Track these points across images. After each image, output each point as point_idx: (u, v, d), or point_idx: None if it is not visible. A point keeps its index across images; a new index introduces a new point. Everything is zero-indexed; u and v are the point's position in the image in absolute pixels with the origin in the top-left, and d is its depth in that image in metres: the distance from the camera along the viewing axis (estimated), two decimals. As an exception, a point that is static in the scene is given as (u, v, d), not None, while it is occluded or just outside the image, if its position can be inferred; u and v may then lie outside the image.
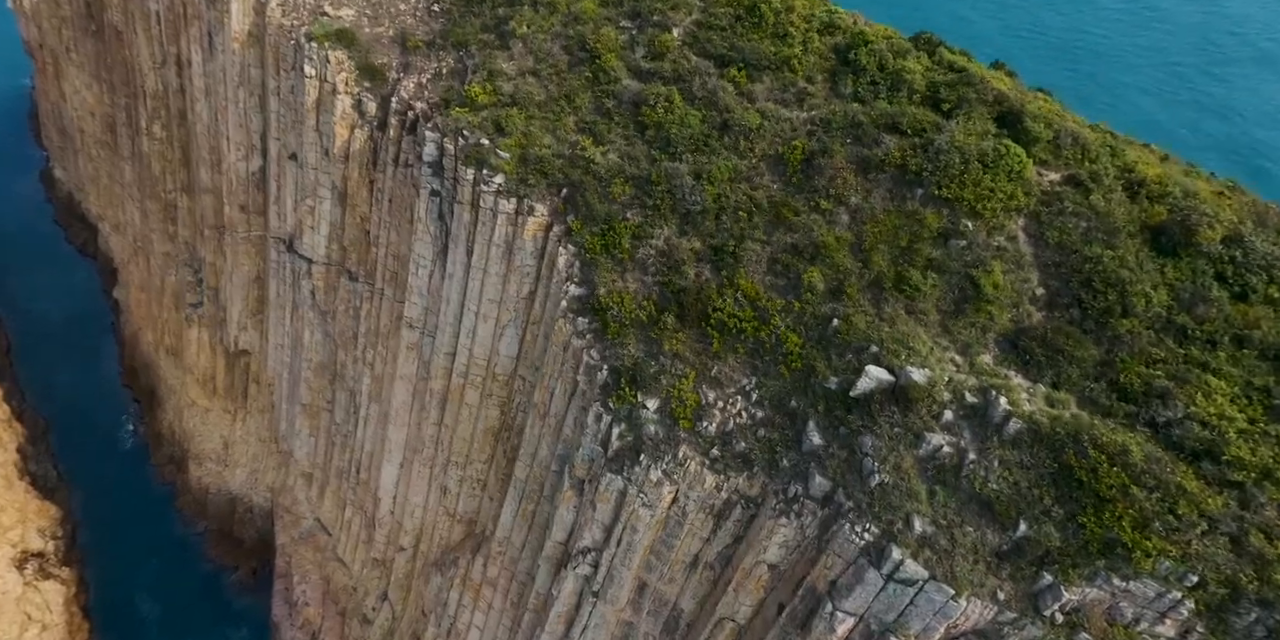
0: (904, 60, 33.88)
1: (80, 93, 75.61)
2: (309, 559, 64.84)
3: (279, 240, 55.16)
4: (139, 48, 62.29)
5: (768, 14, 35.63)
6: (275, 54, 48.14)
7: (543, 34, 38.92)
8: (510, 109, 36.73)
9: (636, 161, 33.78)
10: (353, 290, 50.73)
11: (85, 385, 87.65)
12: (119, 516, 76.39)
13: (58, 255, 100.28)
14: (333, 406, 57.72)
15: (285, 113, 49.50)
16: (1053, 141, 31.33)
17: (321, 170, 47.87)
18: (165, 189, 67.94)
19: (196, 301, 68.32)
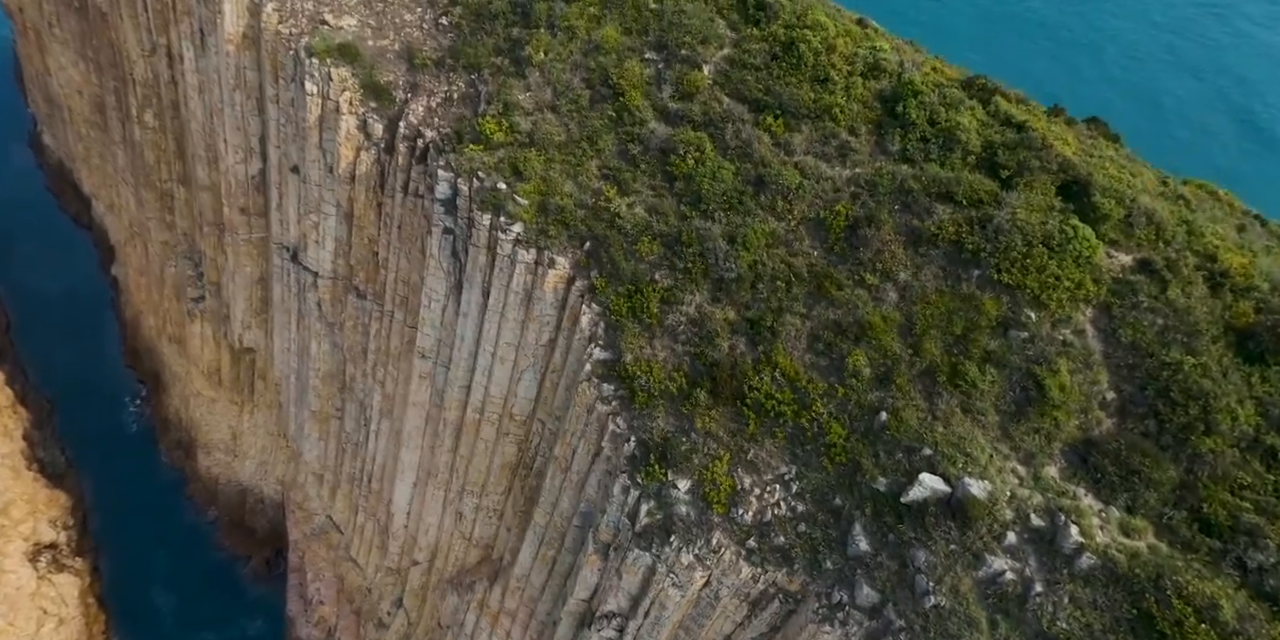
0: (956, 113, 31.48)
1: (66, 70, 72.37)
2: (322, 556, 64.84)
3: (282, 247, 53.29)
4: (125, 33, 59.15)
5: (807, 54, 33.05)
6: (273, 61, 45.51)
7: (561, 63, 36.38)
8: (528, 150, 34.56)
9: (665, 217, 31.83)
10: (361, 308, 49.18)
11: (88, 365, 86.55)
12: (130, 503, 76.30)
13: (52, 225, 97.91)
14: (342, 414, 56.75)
15: (285, 123, 47.08)
16: (1124, 219, 29.13)
17: (325, 187, 45.76)
18: (160, 178, 65.56)
19: (198, 296, 66.66)
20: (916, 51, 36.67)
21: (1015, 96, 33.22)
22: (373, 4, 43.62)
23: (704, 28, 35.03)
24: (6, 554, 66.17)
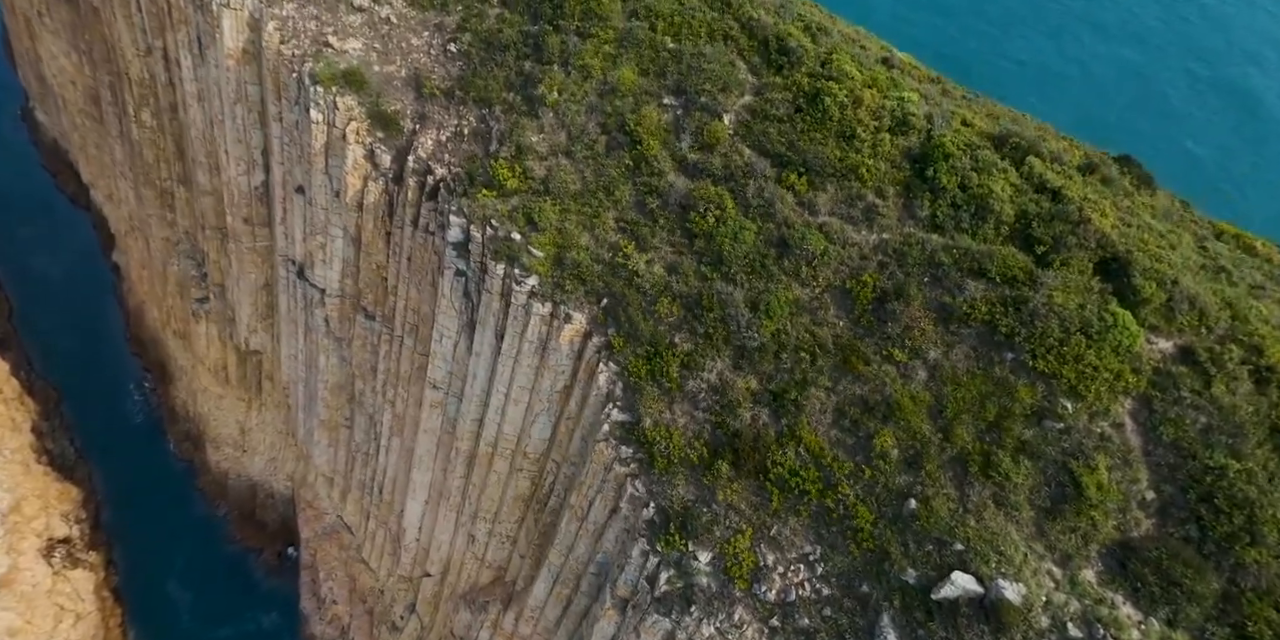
0: (989, 178, 30.39)
1: (57, 59, 70.43)
2: (334, 555, 65.48)
3: (288, 260, 52.52)
4: (119, 31, 57.35)
5: (832, 108, 31.85)
6: (275, 80, 44.17)
7: (575, 104, 35.17)
8: (543, 199, 33.66)
9: (685, 277, 31.13)
10: (369, 328, 48.65)
11: (92, 351, 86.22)
12: (140, 495, 76.71)
13: (50, 204, 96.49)
14: (352, 425, 56.65)
15: (289, 143, 45.92)
16: (1165, 304, 28.23)
17: (332, 211, 44.83)
18: (160, 177, 64.35)
19: (202, 296, 66.00)
20: (945, 92, 35.39)
21: (1050, 153, 31.92)
22: (377, 26, 42.10)
23: (724, 73, 33.72)
24: (21, 551, 66.77)
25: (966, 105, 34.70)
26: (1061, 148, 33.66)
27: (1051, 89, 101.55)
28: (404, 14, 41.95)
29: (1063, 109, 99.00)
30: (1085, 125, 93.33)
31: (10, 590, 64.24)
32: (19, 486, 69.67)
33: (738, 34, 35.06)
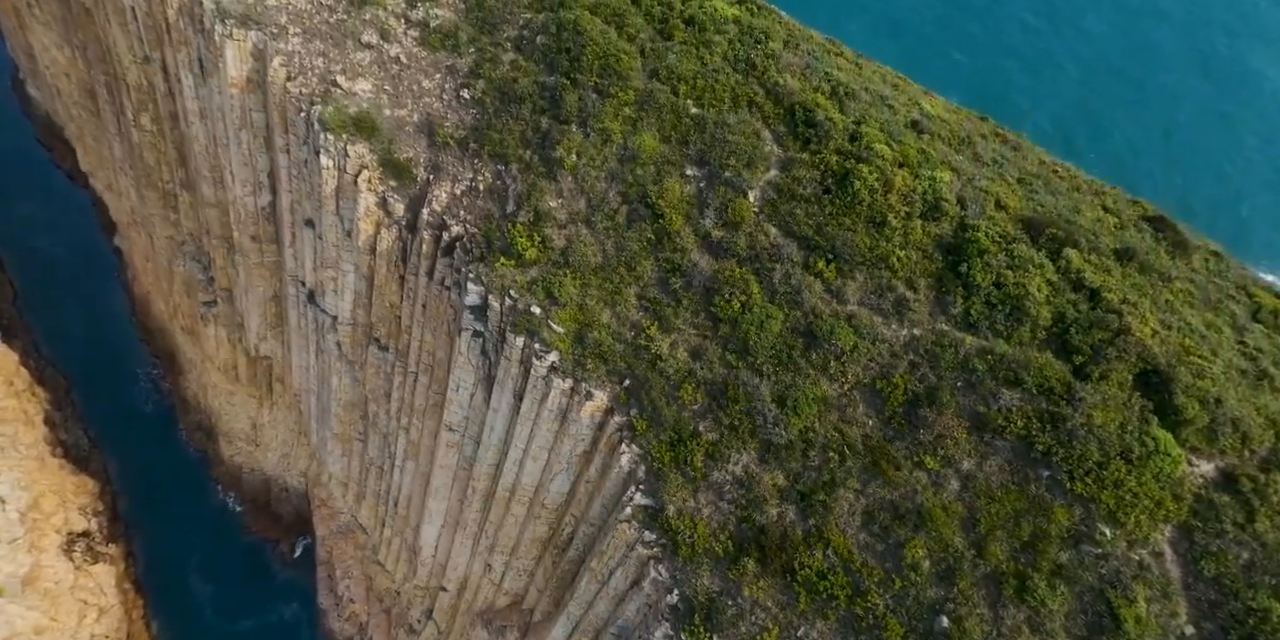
0: (1024, 276, 29.53)
1: (50, 51, 68.24)
2: (349, 554, 66.63)
3: (297, 281, 51.93)
4: (114, 37, 55.35)
5: (862, 192, 30.87)
6: (281, 114, 42.90)
7: (595, 169, 34.17)
8: (563, 271, 33.02)
9: (709, 364, 30.78)
10: (383, 358, 48.38)
11: (99, 336, 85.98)
12: (156, 484, 77.68)
13: (47, 180, 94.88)
14: (365, 439, 56.90)
15: (297, 177, 44.86)
16: (1208, 426, 27.77)
17: (344, 248, 44.09)
18: (162, 179, 63.08)
19: (210, 300, 65.49)
20: (976, 157, 34.21)
21: (1088, 241, 30.88)
22: (387, 65, 40.61)
23: (749, 146, 32.61)
24: (43, 549, 67.91)
25: (999, 177, 33.56)
26: (1097, 221, 32.74)
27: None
28: (414, 54, 40.42)
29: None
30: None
31: (34, 588, 65.56)
32: (36, 483, 70.43)
33: (763, 100, 33.81)
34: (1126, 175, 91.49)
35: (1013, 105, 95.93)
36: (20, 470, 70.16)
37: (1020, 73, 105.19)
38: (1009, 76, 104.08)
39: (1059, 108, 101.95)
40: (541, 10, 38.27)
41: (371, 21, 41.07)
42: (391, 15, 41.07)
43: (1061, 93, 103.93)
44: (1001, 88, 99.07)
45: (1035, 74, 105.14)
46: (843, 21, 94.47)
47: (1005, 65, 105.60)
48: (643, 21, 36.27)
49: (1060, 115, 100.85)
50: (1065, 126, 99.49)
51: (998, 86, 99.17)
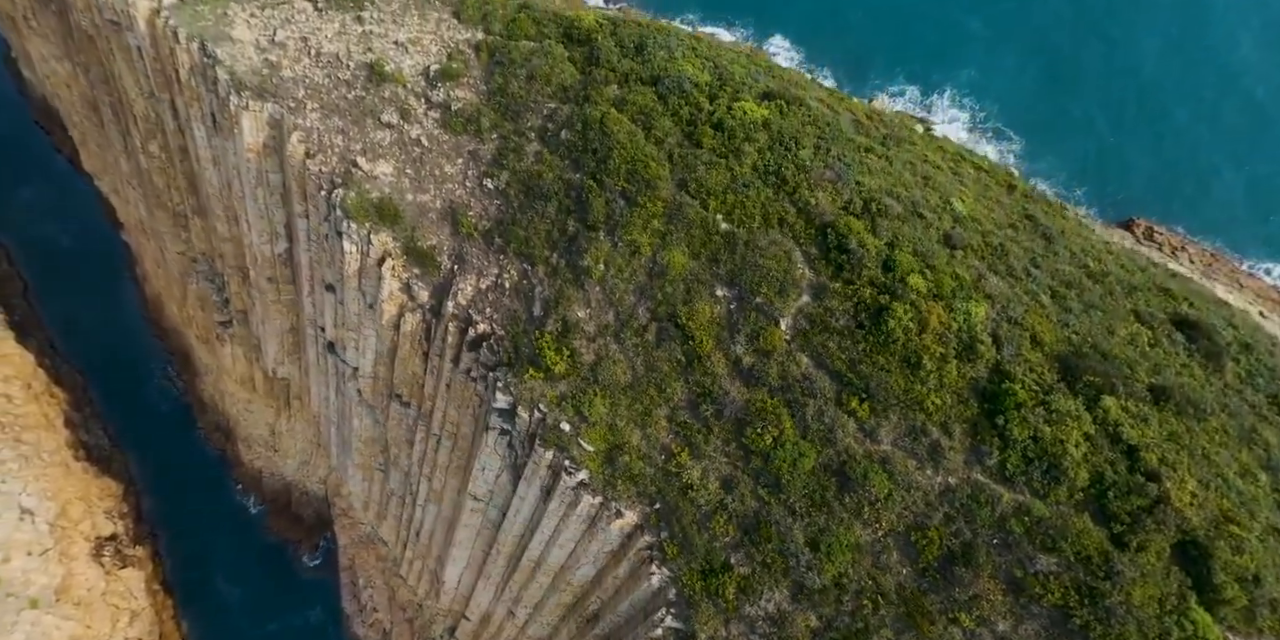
0: (1062, 431, 29.45)
1: (48, 62, 66.38)
2: (371, 564, 68.58)
3: (317, 327, 52.01)
4: (120, 68, 53.90)
5: (896, 331, 30.72)
6: (300, 184, 42.43)
7: (623, 282, 33.98)
8: (593, 388, 33.21)
9: (742, 497, 31.29)
10: (404, 413, 48.83)
11: (112, 329, 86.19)
12: (178, 483, 79.15)
13: (47, 164, 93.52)
14: (387, 471, 57.86)
15: (317, 245, 44.49)
16: (1247, 607, 28.17)
17: (366, 318, 44.05)
18: (172, 201, 62.35)
19: (225, 320, 65.52)
20: (1009, 270, 33.78)
21: (1124, 386, 30.65)
22: (408, 147, 39.81)
23: (780, 270, 32.30)
24: (73, 556, 69.89)
25: (1032, 299, 33.11)
26: (1130, 341, 32.47)
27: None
28: (435, 136, 39.58)
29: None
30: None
31: (68, 597, 67.79)
32: (62, 491, 71.96)
33: (794, 219, 33.33)
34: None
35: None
36: (46, 479, 71.57)
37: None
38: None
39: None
40: (566, 101, 37.36)
41: (391, 100, 40.07)
42: (411, 94, 40.05)
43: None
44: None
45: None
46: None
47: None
48: (670, 123, 35.44)
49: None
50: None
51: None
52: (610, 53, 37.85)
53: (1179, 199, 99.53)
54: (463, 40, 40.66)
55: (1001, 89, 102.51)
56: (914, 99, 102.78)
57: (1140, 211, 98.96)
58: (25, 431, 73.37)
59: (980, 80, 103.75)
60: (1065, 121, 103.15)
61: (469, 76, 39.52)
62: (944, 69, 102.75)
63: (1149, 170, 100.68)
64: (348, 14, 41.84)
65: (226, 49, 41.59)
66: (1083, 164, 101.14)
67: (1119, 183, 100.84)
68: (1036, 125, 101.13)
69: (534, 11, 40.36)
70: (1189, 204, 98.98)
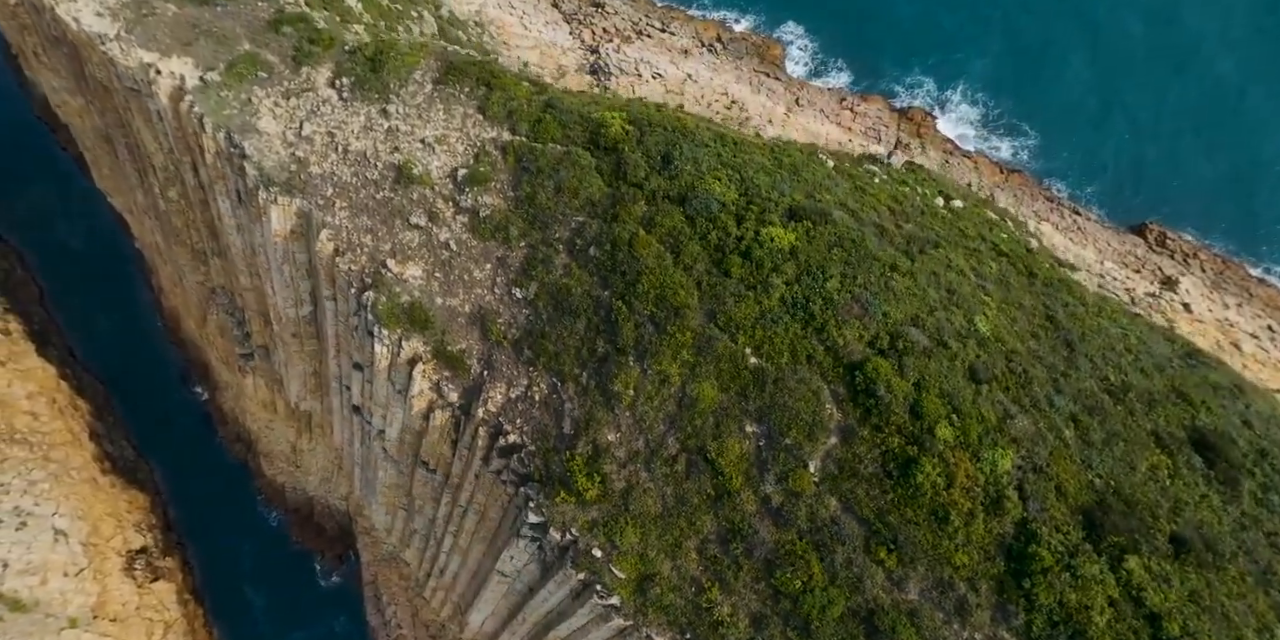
0: (1087, 596, 30.53)
1: (59, 93, 65.67)
2: (395, 582, 71.13)
3: (342, 385, 53.01)
4: (138, 124, 53.60)
5: (924, 485, 31.73)
6: (329, 274, 42.89)
7: (653, 410, 34.88)
8: (624, 518, 34.40)
9: (771, 639, 32.67)
10: (430, 479, 50.18)
11: (129, 334, 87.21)
12: (202, 492, 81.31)
13: (53, 162, 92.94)
14: (411, 512, 59.58)
15: (344, 329, 45.15)
16: None
17: (394, 401, 45.03)
18: (191, 240, 62.65)
19: (247, 353, 66.46)
20: (1033, 404, 34.60)
21: (1147, 546, 31.71)
22: (436, 250, 40.19)
23: (809, 411, 33.16)
24: (107, 573, 72.48)
25: (1058, 438, 34.02)
26: (1151, 476, 33.45)
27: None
28: (463, 240, 39.92)
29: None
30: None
31: (104, 614, 70.57)
32: (93, 508, 74.13)
33: (822, 356, 34.02)
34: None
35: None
36: (76, 497, 73.63)
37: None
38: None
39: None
40: (594, 216, 37.65)
41: (419, 202, 40.27)
42: (439, 197, 40.23)
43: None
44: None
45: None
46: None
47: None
48: (699, 248, 35.81)
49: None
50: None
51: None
52: (637, 166, 37.95)
53: (1194, 198, 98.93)
54: (489, 139, 40.63)
55: (1017, 81, 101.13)
56: (929, 93, 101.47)
57: (1154, 211, 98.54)
58: (53, 449, 75.14)
59: (995, 72, 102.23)
60: (1081, 117, 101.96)
61: (496, 181, 39.67)
62: (959, 59, 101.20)
63: (1164, 169, 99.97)
64: (373, 106, 41.68)
65: (253, 142, 41.58)
66: (1098, 162, 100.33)
67: (1133, 182, 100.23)
68: (1052, 120, 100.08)
69: (559, 112, 40.20)
70: (1203, 204, 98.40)
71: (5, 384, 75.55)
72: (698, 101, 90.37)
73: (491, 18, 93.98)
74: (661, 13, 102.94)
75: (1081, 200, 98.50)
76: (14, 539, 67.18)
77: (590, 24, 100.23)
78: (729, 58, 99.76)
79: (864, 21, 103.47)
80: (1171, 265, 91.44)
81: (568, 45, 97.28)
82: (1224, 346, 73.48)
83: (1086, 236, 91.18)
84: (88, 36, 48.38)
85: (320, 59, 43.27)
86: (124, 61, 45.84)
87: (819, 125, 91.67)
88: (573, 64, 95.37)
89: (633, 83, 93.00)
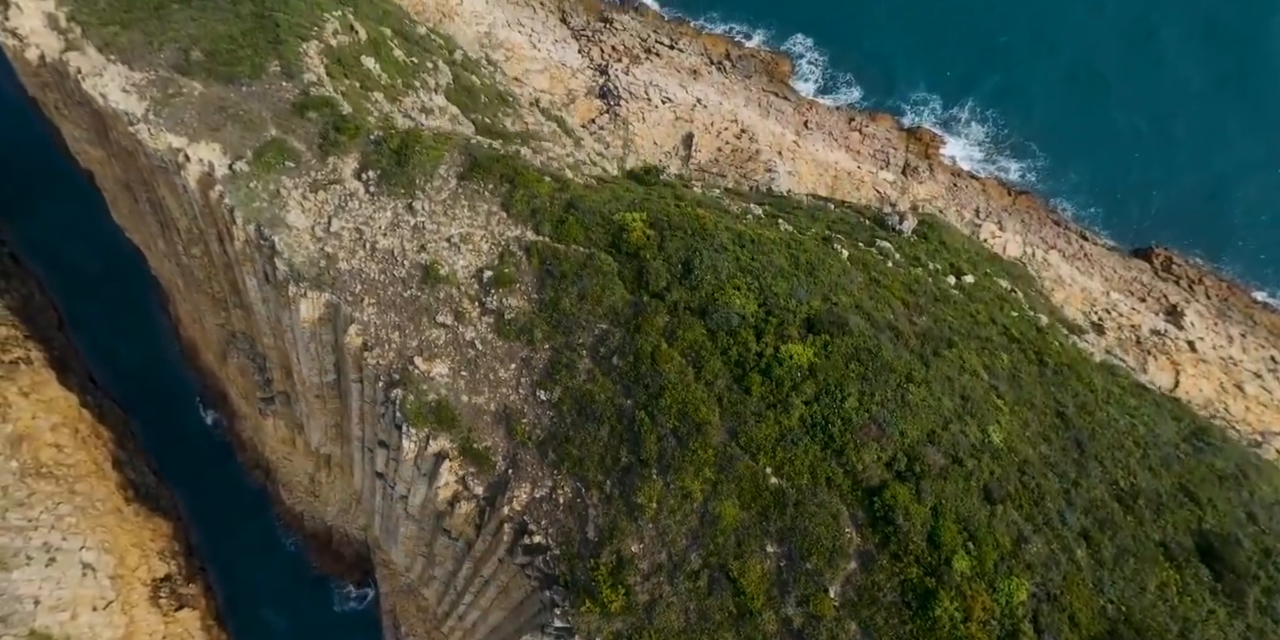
0: None
1: (79, 142, 66.20)
2: (413, 614, 73.21)
3: (364, 448, 54.38)
4: (163, 193, 54.41)
5: (942, 619, 33.08)
6: (356, 365, 43.98)
7: (676, 524, 36.23)
8: (648, 632, 35.82)
9: (802, 765, 34.27)
10: (450, 546, 51.71)
11: (147, 358, 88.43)
12: (222, 516, 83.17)
13: (64, 179, 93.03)
14: (431, 560, 61.27)
15: (371, 410, 46.37)
16: None
17: (418, 482, 46.39)
18: (213, 290, 63.67)
19: (268, 397, 67.76)
20: (1047, 522, 35.87)
21: None
22: (462, 349, 41.30)
23: (829, 536, 34.47)
24: (134, 604, 74.64)
25: (1071, 562, 35.28)
26: (1160, 594, 34.64)
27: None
28: (488, 340, 41.00)
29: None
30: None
31: (132, 645, 72.74)
32: (118, 540, 76.05)
33: (841, 479, 35.26)
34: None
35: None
36: (102, 529, 75.52)
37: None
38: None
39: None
40: (617, 324, 38.69)
41: (445, 301, 41.30)
42: (465, 297, 41.24)
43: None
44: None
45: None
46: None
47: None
48: (720, 364, 36.91)
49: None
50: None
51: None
52: (659, 275, 38.90)
53: (1200, 222, 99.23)
54: (513, 238, 41.56)
55: (1026, 100, 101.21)
56: (935, 111, 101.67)
57: (1160, 232, 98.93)
58: (78, 481, 76.87)
59: (1005, 90, 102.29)
60: (1089, 138, 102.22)
61: (521, 283, 40.67)
62: (969, 77, 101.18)
63: (1173, 190, 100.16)
64: (399, 200, 42.53)
65: (283, 237, 42.51)
66: (1106, 182, 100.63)
67: (1141, 203, 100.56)
68: (1060, 140, 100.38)
69: (581, 213, 41.04)
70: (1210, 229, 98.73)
71: (30, 417, 77.04)
72: (707, 129, 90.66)
73: (501, 40, 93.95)
74: (670, 28, 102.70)
75: (1088, 221, 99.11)
76: (44, 575, 69.15)
77: (599, 41, 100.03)
78: (738, 77, 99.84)
79: (871, 34, 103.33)
80: (1176, 292, 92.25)
81: (577, 66, 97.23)
82: (1227, 389, 74.73)
83: (1093, 265, 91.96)
84: (115, 112, 49.05)
85: (346, 149, 44.02)
86: (153, 144, 46.57)
87: (828, 153, 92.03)
88: (582, 87, 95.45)
89: (643, 108, 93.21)
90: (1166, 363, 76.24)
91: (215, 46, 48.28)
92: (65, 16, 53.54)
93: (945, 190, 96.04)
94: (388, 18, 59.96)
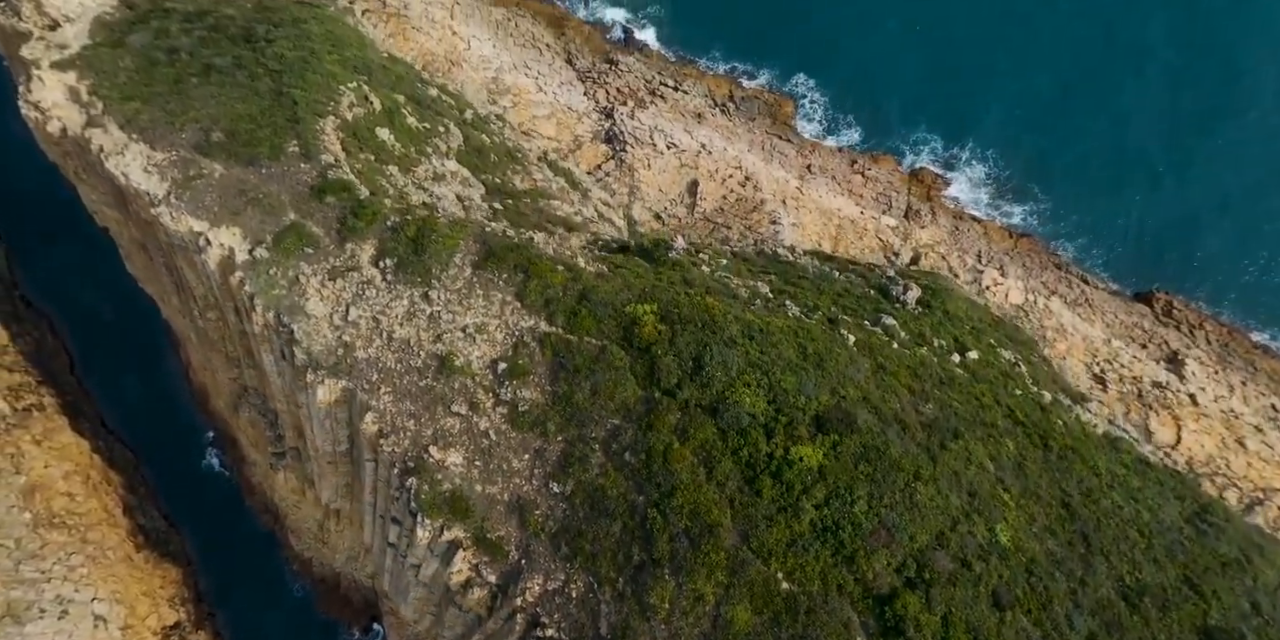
0: None
1: (96, 204, 67.12)
2: (421, 665, 73.77)
3: (377, 516, 55.12)
4: (180, 263, 55.29)
5: None
6: (373, 451, 44.76)
7: (688, 626, 37.01)
8: (658, 733, 36.62)
9: None
10: (464, 617, 52.46)
11: (158, 403, 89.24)
12: (230, 560, 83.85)
13: (72, 218, 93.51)
14: (441, 622, 61.99)
15: (386, 493, 47.17)
16: None
17: (430, 560, 47.12)
18: (227, 349, 64.54)
19: (279, 452, 68.56)
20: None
21: None
22: (476, 438, 42.12)
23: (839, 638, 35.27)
24: (143, 652, 75.24)
25: None
26: None
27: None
28: (502, 430, 41.83)
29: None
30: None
31: (142, 695, 73.43)
32: (129, 589, 76.78)
33: (852, 586, 36.04)
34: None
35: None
36: (114, 578, 76.26)
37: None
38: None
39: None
40: (630, 421, 39.51)
41: (460, 391, 42.13)
42: (480, 387, 42.07)
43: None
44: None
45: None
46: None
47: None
48: (731, 465, 37.74)
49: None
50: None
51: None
52: (670, 372, 39.76)
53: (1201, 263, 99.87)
54: (527, 329, 42.41)
55: (1027, 139, 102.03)
56: (935, 151, 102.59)
57: (1161, 274, 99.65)
58: (90, 530, 77.64)
59: (1004, 129, 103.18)
60: (1091, 177, 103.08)
61: (535, 375, 41.51)
62: (969, 117, 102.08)
63: (1175, 231, 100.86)
64: (416, 289, 43.39)
65: (302, 325, 43.35)
66: (1107, 225, 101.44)
67: (1141, 245, 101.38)
68: (1061, 181, 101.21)
69: (593, 305, 41.90)
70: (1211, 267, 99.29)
71: (43, 466, 77.87)
72: (712, 176, 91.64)
73: (508, 85, 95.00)
74: (674, 69, 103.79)
75: (1089, 264, 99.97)
76: (57, 629, 69.89)
77: (604, 83, 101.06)
78: (742, 119, 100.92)
79: (872, 75, 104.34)
80: (1177, 337, 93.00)
81: (583, 109, 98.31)
82: (1229, 444, 75.53)
83: (1095, 310, 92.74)
84: (136, 191, 49.95)
85: (364, 235, 44.89)
86: (174, 227, 47.44)
87: (831, 199, 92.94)
88: (588, 132, 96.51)
89: (648, 154, 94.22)
90: (1169, 417, 77.00)
91: (235, 126, 49.16)
92: (86, 89, 54.53)
93: (947, 235, 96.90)
94: (400, 83, 60.91)
